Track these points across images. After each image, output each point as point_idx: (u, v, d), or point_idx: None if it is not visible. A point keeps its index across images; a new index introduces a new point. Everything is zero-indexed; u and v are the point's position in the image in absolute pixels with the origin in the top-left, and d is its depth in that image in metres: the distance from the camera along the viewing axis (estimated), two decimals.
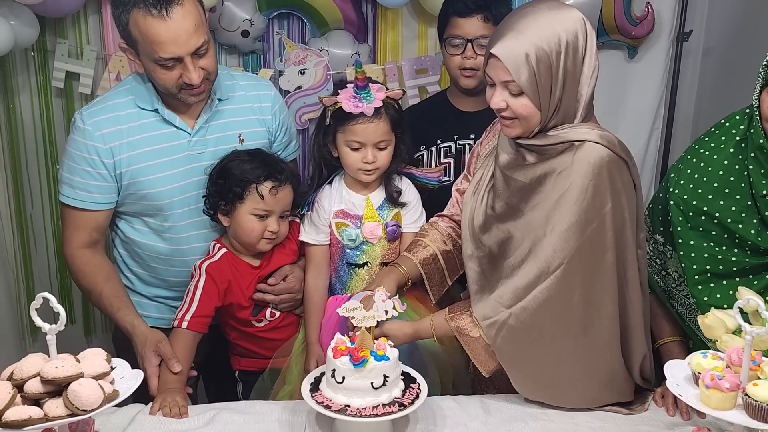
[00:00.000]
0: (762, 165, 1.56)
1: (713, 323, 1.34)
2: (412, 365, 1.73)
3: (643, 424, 1.57)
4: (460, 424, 1.59)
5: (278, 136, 2.07)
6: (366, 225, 1.90)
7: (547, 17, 1.54)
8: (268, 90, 2.07)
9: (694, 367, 1.28)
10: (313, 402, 1.51)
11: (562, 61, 1.52)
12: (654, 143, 2.89)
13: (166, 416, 1.63)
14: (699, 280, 1.64)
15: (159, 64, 1.75)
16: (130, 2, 1.73)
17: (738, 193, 1.61)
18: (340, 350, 1.51)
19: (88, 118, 1.86)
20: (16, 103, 2.64)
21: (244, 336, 2.00)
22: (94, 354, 1.29)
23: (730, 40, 2.85)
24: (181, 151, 1.90)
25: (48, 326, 1.27)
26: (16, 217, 2.75)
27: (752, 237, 1.58)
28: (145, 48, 1.75)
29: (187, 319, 1.83)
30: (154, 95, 1.88)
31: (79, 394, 1.20)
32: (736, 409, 1.20)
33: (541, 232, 1.59)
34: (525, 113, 1.56)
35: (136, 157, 1.87)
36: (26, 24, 2.40)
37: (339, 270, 1.95)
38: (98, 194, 1.88)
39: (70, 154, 1.89)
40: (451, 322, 1.69)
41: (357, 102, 1.81)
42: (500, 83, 1.57)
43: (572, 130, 1.58)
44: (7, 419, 1.16)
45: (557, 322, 1.60)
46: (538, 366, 1.65)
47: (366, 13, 2.69)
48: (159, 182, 1.89)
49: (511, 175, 1.65)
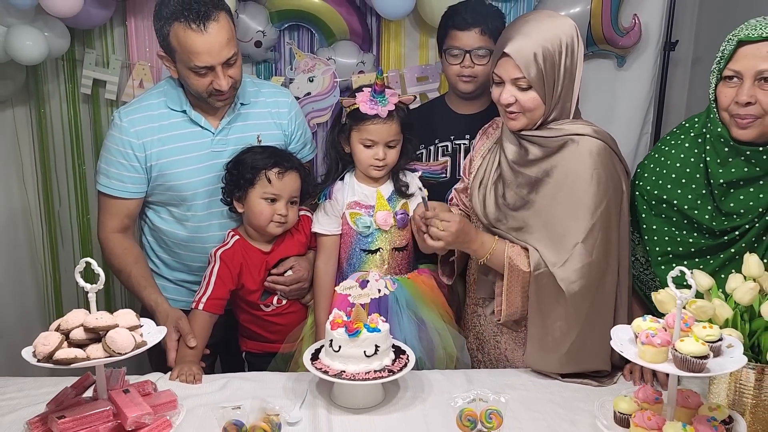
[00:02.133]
0: (719, 154, 1.71)
1: (664, 299, 1.49)
2: (420, 342, 1.90)
3: (609, 394, 1.71)
4: (445, 392, 1.75)
5: (293, 139, 2.25)
6: (378, 214, 2.06)
7: (549, 23, 1.79)
8: (286, 97, 2.27)
9: (634, 329, 1.45)
10: (313, 368, 1.69)
11: (563, 60, 1.76)
12: (643, 146, 2.99)
13: (182, 382, 1.82)
14: (662, 261, 1.81)
15: (193, 71, 1.95)
16: (172, 16, 1.92)
17: (694, 182, 1.77)
18: (337, 323, 1.69)
19: (125, 116, 2.07)
20: (46, 108, 2.81)
21: (252, 319, 2.16)
22: (126, 312, 1.51)
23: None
24: (205, 148, 2.09)
25: (90, 286, 1.49)
26: (45, 214, 2.91)
27: (707, 221, 1.74)
28: (183, 56, 1.94)
29: (203, 301, 2.01)
30: (183, 98, 2.08)
31: (115, 339, 1.41)
32: (666, 362, 1.37)
33: (556, 218, 1.79)
34: (532, 106, 1.78)
35: (164, 152, 2.06)
36: (58, 35, 2.56)
37: (352, 257, 2.10)
38: (130, 184, 2.08)
39: (108, 147, 2.09)
40: (509, 250, 1.82)
41: (373, 105, 1.99)
42: (510, 80, 1.78)
43: (569, 126, 1.80)
44: (58, 357, 1.38)
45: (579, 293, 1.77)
46: (556, 326, 1.80)
47: (371, 25, 2.81)
48: (184, 175, 2.08)
49: (519, 169, 1.85)
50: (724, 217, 1.73)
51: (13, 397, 1.75)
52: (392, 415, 1.68)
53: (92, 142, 2.88)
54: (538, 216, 1.82)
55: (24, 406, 1.69)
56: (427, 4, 2.66)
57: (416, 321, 1.99)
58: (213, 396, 1.75)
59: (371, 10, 2.76)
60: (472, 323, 2.07)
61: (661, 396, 1.52)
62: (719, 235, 1.75)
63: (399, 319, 1.97)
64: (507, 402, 1.49)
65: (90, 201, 2.93)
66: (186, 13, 1.89)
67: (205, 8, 1.91)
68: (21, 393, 1.77)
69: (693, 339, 1.33)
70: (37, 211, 2.92)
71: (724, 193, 1.72)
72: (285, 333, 2.12)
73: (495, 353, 2.00)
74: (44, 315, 3.00)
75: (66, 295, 3.00)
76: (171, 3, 1.93)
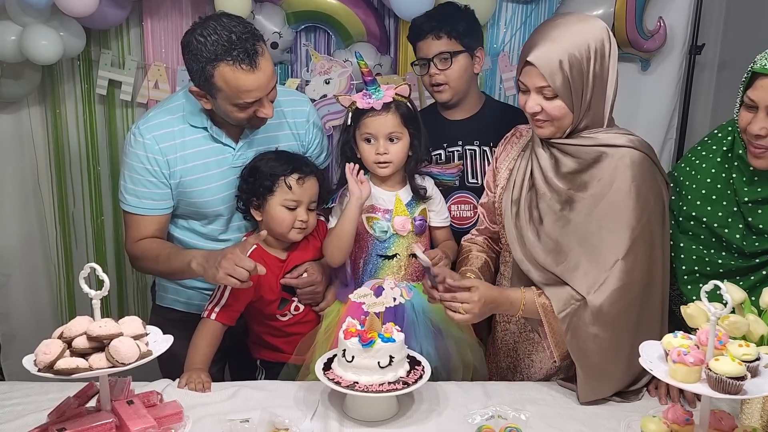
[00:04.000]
0: (743, 173, 1.65)
1: (695, 313, 1.42)
2: (436, 351, 1.84)
3: (634, 411, 1.65)
4: (461, 405, 1.69)
5: (310, 148, 2.21)
6: (396, 219, 2.01)
7: (577, 27, 1.69)
8: (304, 106, 2.22)
9: (664, 346, 1.37)
10: (325, 378, 1.64)
11: (591, 66, 1.66)
12: (667, 153, 2.94)
13: (191, 390, 1.77)
14: (688, 280, 1.74)
15: (238, 105, 1.89)
16: (217, 58, 1.82)
17: (724, 199, 1.71)
18: (350, 332, 1.64)
19: (146, 132, 2.00)
20: (62, 109, 2.80)
21: (267, 330, 2.11)
22: (131, 320, 1.47)
23: (745, 53, 2.89)
24: (226, 164, 2.06)
25: (93, 292, 1.44)
26: (59, 215, 2.91)
27: (737, 241, 1.67)
28: (229, 94, 1.86)
29: (216, 311, 1.95)
30: (204, 115, 2.03)
31: (119, 349, 1.36)
32: (700, 382, 1.29)
33: (593, 235, 1.69)
34: (559, 114, 1.69)
35: (188, 170, 2.03)
36: (74, 35, 2.56)
37: (368, 262, 2.04)
38: (162, 201, 2.04)
39: (133, 167, 2.01)
40: (538, 299, 1.74)
41: (367, 98, 1.96)
42: (535, 89, 1.69)
43: (603, 135, 1.71)
44: (59, 367, 1.34)
45: (620, 315, 1.68)
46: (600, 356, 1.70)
47: (388, 27, 2.79)
48: (206, 193, 2.05)
49: (553, 179, 1.75)
50: (755, 237, 1.67)
51: (18, 402, 1.72)
52: (406, 429, 1.63)
53: (107, 143, 2.87)
54: (574, 234, 1.73)
55: (30, 413, 1.66)
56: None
57: (433, 329, 1.94)
58: (221, 405, 1.71)
59: (389, 11, 2.74)
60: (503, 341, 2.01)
61: (691, 417, 1.44)
62: (750, 257, 1.68)
63: (416, 327, 1.91)
64: (527, 419, 1.43)
65: (104, 203, 2.92)
66: (235, 53, 1.81)
67: (251, 45, 1.83)
68: (27, 399, 1.74)
69: (729, 358, 1.26)
70: (52, 212, 2.91)
71: (751, 212, 1.66)
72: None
73: (528, 372, 1.95)
74: (57, 317, 2.98)
75: (79, 297, 2.98)
76: (210, 43, 1.82)
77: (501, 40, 2.83)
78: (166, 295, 2.25)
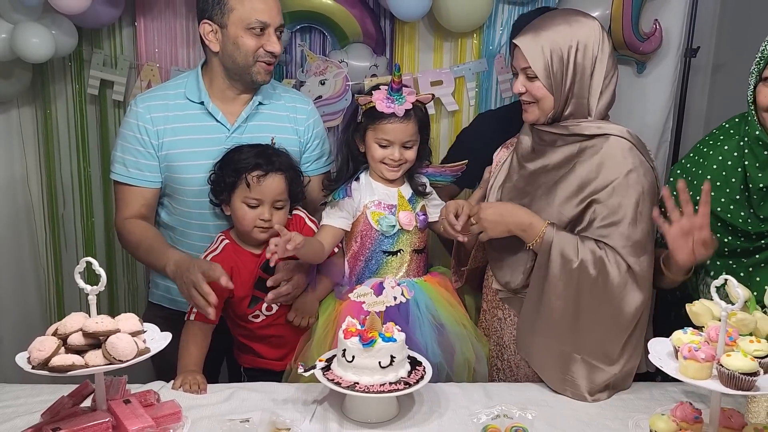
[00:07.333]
0: (757, 157, 1.67)
1: (700, 310, 1.41)
2: (440, 347, 1.83)
3: (637, 411, 1.63)
4: (462, 407, 1.67)
5: (309, 148, 2.19)
6: (401, 214, 2.00)
7: (567, 21, 1.80)
8: (306, 105, 2.21)
9: (674, 342, 1.36)
10: (325, 379, 1.60)
11: (573, 56, 1.77)
12: (663, 154, 2.94)
13: (186, 392, 1.73)
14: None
15: (249, 29, 1.93)
16: None
17: (729, 186, 1.73)
18: (350, 332, 1.61)
19: (141, 102, 2.05)
20: (52, 108, 2.77)
21: (244, 333, 2.04)
22: (128, 317, 1.42)
23: (739, 56, 2.91)
24: (218, 144, 2.03)
25: (90, 287, 1.40)
26: (49, 216, 2.87)
27: (741, 224, 1.70)
28: (242, 14, 1.94)
29: (194, 311, 1.87)
30: (203, 89, 2.04)
31: (116, 345, 1.32)
32: (711, 379, 1.28)
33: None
34: (539, 95, 1.80)
35: (176, 143, 2.02)
36: (66, 34, 2.52)
37: (371, 258, 2.02)
38: (148, 172, 2.04)
39: (124, 135, 2.05)
40: (556, 236, 1.75)
41: (390, 103, 1.93)
42: (520, 70, 1.82)
43: (586, 124, 1.79)
44: (54, 364, 1.30)
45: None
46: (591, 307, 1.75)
47: (384, 27, 2.78)
48: (190, 169, 2.02)
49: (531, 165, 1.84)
50: (760, 221, 1.70)
51: (8, 405, 1.67)
52: (407, 431, 1.60)
53: (98, 144, 2.84)
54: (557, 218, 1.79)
55: (19, 415, 1.62)
56: (443, 6, 2.62)
57: (436, 325, 1.92)
58: (218, 407, 1.67)
59: (385, 12, 2.74)
60: (492, 328, 2.00)
61: (701, 415, 1.42)
62: (755, 239, 1.71)
63: (420, 323, 1.90)
64: (533, 419, 1.40)
65: (94, 204, 2.89)
66: None
67: None
68: (17, 401, 1.69)
69: (741, 354, 1.24)
70: (41, 212, 2.88)
71: (763, 198, 1.68)
72: (278, 347, 2.02)
73: (515, 360, 1.92)
74: (46, 319, 2.94)
75: (68, 299, 2.95)
76: None
77: (497, 42, 2.82)
78: (157, 292, 2.22)
